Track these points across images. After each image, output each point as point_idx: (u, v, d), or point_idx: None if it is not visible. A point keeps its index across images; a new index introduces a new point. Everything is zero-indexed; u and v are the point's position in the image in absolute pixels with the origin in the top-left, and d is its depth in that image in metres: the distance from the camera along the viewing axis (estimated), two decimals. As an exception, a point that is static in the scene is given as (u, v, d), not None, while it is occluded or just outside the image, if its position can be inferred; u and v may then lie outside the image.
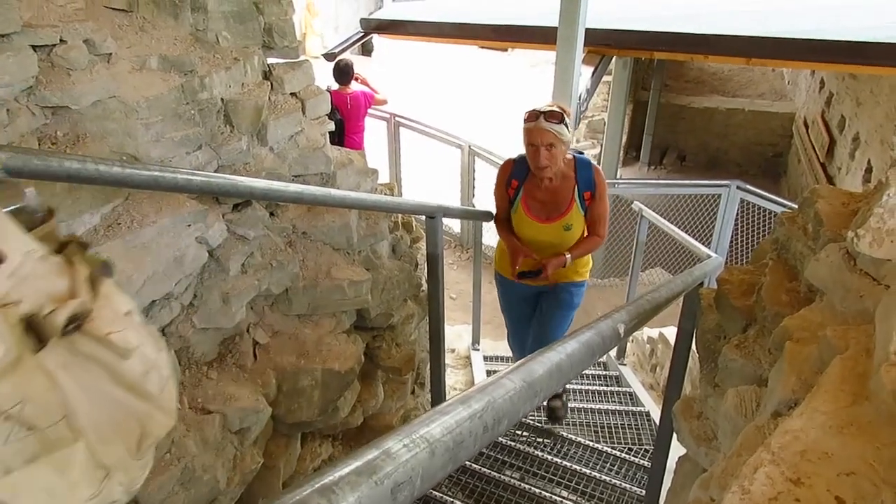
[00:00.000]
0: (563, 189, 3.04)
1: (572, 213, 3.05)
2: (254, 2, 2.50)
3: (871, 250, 1.14)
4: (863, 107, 8.57)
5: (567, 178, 3.02)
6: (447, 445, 0.63)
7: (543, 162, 2.80)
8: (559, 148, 2.82)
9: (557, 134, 2.78)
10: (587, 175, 3.03)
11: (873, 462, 0.84)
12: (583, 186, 3.04)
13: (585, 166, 3.05)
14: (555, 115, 2.77)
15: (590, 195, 3.05)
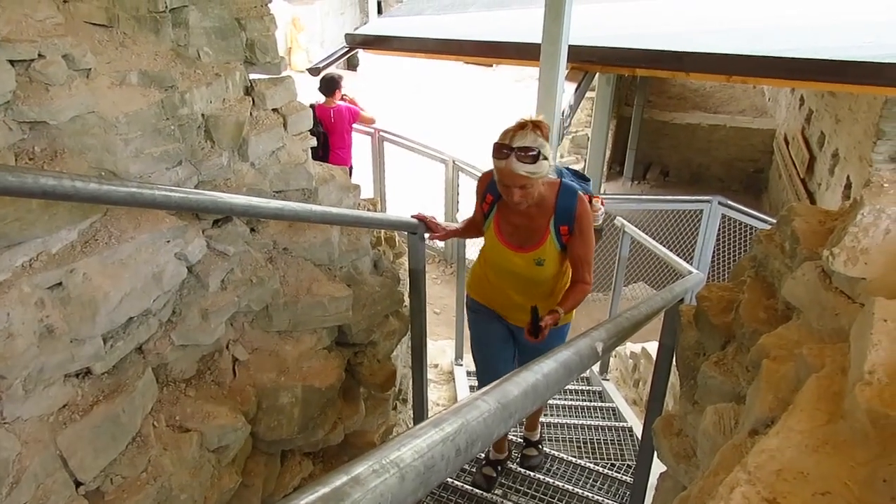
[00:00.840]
0: (539, 217, 2.62)
1: (545, 246, 2.64)
2: (236, 18, 2.50)
3: (846, 269, 1.15)
4: (842, 124, 8.69)
5: (544, 205, 2.59)
6: (418, 470, 0.62)
7: (518, 200, 2.45)
8: (536, 185, 2.44)
9: (531, 174, 2.38)
10: (568, 206, 2.58)
11: (848, 481, 0.84)
12: (560, 218, 2.60)
13: (568, 195, 2.59)
14: (528, 154, 2.33)
15: (567, 231, 2.60)
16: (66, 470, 1.82)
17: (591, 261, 2.69)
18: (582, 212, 2.59)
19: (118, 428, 1.94)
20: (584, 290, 2.71)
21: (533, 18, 6.12)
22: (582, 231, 2.61)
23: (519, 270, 2.71)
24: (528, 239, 2.66)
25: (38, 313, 1.79)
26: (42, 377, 1.81)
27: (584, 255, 2.65)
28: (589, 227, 2.62)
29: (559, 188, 2.59)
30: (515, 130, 2.37)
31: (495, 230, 2.72)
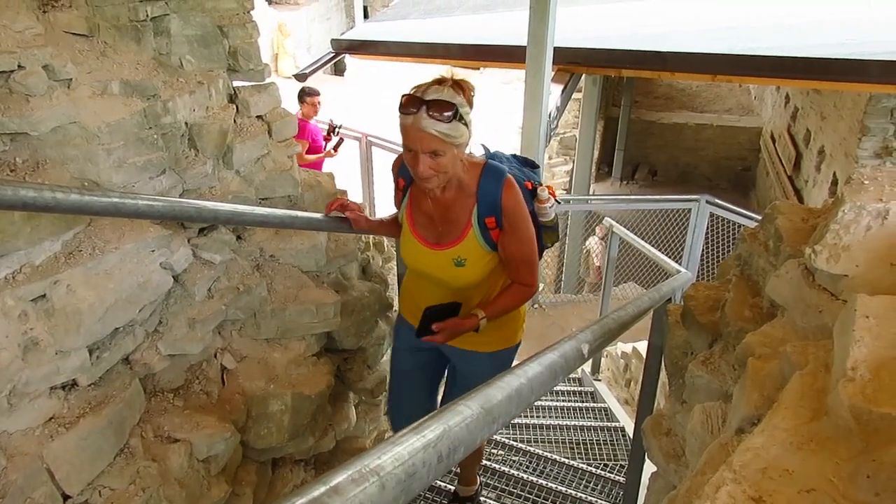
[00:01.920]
0: (458, 205, 2.11)
1: (466, 243, 2.12)
2: (218, 25, 2.49)
3: (829, 266, 1.16)
4: (827, 121, 8.75)
5: (465, 190, 2.09)
6: (399, 478, 0.61)
7: (425, 172, 1.91)
8: (450, 154, 1.91)
9: (445, 137, 1.86)
10: (491, 193, 2.06)
11: (833, 478, 0.84)
12: (483, 208, 2.08)
13: (492, 179, 2.07)
14: (443, 107, 1.84)
15: (494, 223, 2.10)
16: (52, 483, 1.81)
17: (534, 261, 2.22)
18: (511, 200, 2.07)
19: (105, 440, 1.93)
20: (523, 294, 2.25)
21: (518, 21, 6.13)
22: (514, 225, 2.10)
23: (435, 272, 2.21)
24: (446, 233, 2.16)
25: (22, 326, 1.78)
26: (27, 390, 1.79)
27: (520, 255, 2.16)
28: (523, 219, 2.11)
29: (482, 170, 2.09)
30: (430, 84, 1.91)
31: (409, 222, 2.24)
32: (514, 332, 2.45)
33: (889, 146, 7.46)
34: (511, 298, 2.23)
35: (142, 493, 1.94)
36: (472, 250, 2.13)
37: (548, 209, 2.32)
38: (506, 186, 2.06)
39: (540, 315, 6.92)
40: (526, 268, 2.19)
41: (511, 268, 2.21)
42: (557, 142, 9.89)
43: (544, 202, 2.30)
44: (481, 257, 2.15)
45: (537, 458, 3.86)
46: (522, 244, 2.15)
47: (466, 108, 1.92)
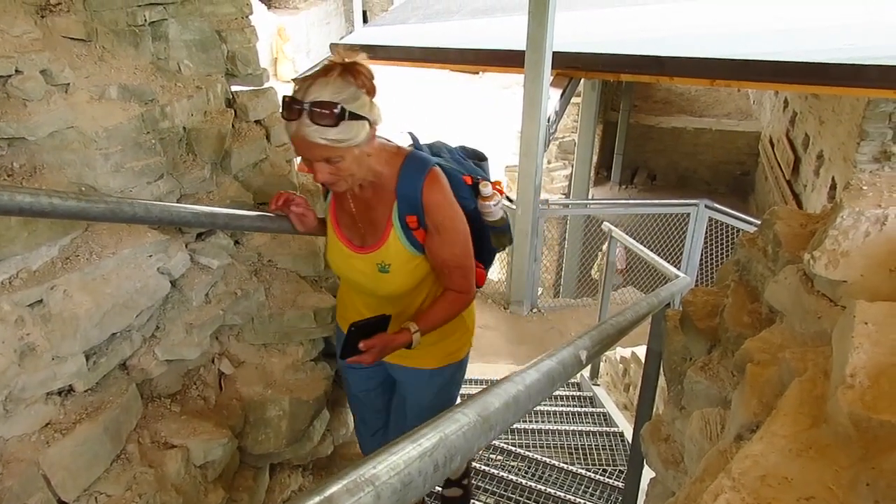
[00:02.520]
0: (378, 203, 1.90)
1: (388, 246, 1.90)
2: (216, 30, 2.49)
3: (827, 272, 1.15)
4: (825, 125, 8.76)
5: (384, 186, 1.86)
6: (394, 487, 0.61)
7: (325, 179, 1.72)
8: (350, 156, 1.68)
9: (335, 144, 1.64)
10: (411, 188, 1.83)
11: (832, 486, 0.84)
12: (403, 206, 1.86)
13: (413, 171, 1.84)
14: (324, 113, 1.59)
15: (416, 222, 1.86)
16: (48, 489, 1.80)
17: (468, 265, 1.97)
18: (434, 196, 1.83)
19: (102, 446, 1.92)
20: (458, 303, 2.01)
21: (517, 26, 6.14)
22: (439, 225, 1.86)
23: (360, 279, 2.01)
24: (369, 234, 1.95)
25: (19, 331, 1.77)
26: (23, 396, 1.78)
27: (450, 259, 1.92)
28: (450, 218, 1.88)
29: (403, 162, 1.85)
30: (315, 78, 1.64)
31: (332, 221, 2.03)
32: (459, 346, 2.25)
33: (888, 150, 7.47)
34: (444, 308, 1.98)
35: (138, 499, 1.93)
36: (395, 254, 1.91)
37: (493, 207, 2.08)
38: (427, 180, 1.82)
39: (539, 319, 6.92)
40: (458, 273, 1.96)
41: (441, 274, 1.98)
42: (556, 146, 9.90)
43: (488, 199, 2.06)
44: (407, 261, 1.93)
45: (536, 464, 3.85)
46: (451, 247, 1.91)
47: (362, 97, 1.65)
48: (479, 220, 2.07)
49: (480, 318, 6.75)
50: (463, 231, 1.93)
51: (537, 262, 6.97)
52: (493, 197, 2.07)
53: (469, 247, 1.96)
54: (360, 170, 1.75)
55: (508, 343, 6.50)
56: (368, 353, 1.82)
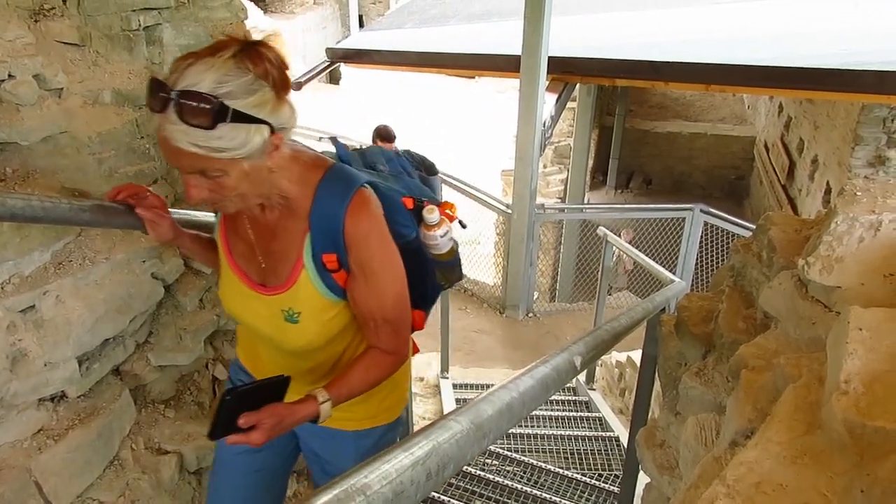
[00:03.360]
0: (285, 232, 1.43)
1: (297, 289, 1.45)
2: (211, 35, 2.49)
3: (822, 278, 1.15)
4: (820, 130, 8.79)
5: (294, 210, 1.40)
6: (386, 497, 0.60)
7: (199, 196, 1.27)
8: (235, 171, 1.24)
9: (210, 152, 1.19)
10: (330, 217, 1.37)
11: (826, 492, 0.83)
12: (319, 240, 1.40)
13: (333, 196, 1.38)
14: (196, 110, 1.14)
15: (336, 262, 1.41)
16: (41, 496, 1.79)
17: (401, 318, 1.51)
18: (359, 228, 1.38)
19: (95, 452, 1.91)
20: (385, 365, 1.52)
21: (513, 31, 6.16)
22: (366, 267, 1.42)
23: (262, 327, 1.54)
24: (272, 272, 1.48)
25: (11, 337, 1.76)
26: (15, 402, 1.77)
27: (377, 311, 1.46)
28: (381, 258, 1.43)
29: (321, 179, 1.38)
30: (199, 56, 1.18)
31: (224, 249, 1.56)
32: (392, 402, 1.80)
33: (882, 155, 7.49)
34: (366, 372, 1.48)
35: (131, 505, 1.93)
36: (307, 300, 1.45)
37: (440, 239, 1.63)
38: (352, 206, 1.36)
39: (535, 324, 6.92)
40: (387, 329, 1.48)
41: (365, 326, 1.51)
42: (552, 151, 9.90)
43: (433, 228, 1.60)
44: (322, 310, 1.47)
45: (531, 468, 3.85)
46: (379, 296, 1.45)
47: (261, 92, 1.20)
48: (420, 252, 1.64)
49: (476, 323, 6.78)
50: (396, 276, 1.47)
51: (533, 266, 6.97)
52: (440, 225, 1.61)
53: (404, 296, 1.50)
54: (255, 188, 1.29)
55: (504, 348, 6.50)
56: (256, 431, 1.25)
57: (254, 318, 1.55)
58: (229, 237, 1.54)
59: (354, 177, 1.42)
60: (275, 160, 1.29)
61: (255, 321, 1.56)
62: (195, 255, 1.78)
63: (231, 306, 1.60)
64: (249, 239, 1.49)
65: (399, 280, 1.49)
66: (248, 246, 1.50)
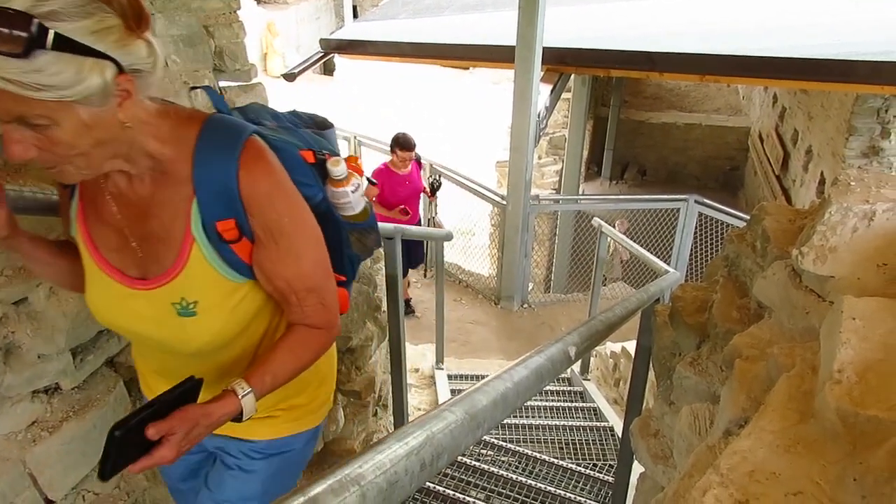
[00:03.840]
0: (163, 206, 1.19)
1: (189, 272, 1.20)
2: (204, 25, 2.48)
3: (815, 267, 1.15)
4: (814, 120, 8.80)
5: (169, 177, 1.17)
6: (380, 487, 0.60)
7: (23, 153, 0.99)
8: (70, 120, 0.98)
9: (23, 91, 0.91)
10: (219, 174, 1.15)
11: (819, 481, 0.84)
12: (210, 206, 1.16)
13: (219, 149, 1.15)
14: (7, 34, 0.87)
15: (235, 229, 1.18)
16: (35, 488, 1.78)
17: (326, 284, 1.31)
18: (261, 183, 1.16)
19: (90, 444, 1.91)
20: (315, 342, 1.32)
21: (507, 21, 6.14)
22: (275, 229, 1.20)
23: (150, 330, 1.27)
24: (152, 258, 1.22)
25: (3, 329, 1.75)
26: (9, 394, 1.77)
27: (297, 279, 1.25)
28: (292, 213, 1.22)
29: (199, 133, 1.15)
30: None
31: (86, 242, 1.27)
32: (315, 405, 1.56)
33: (876, 146, 7.51)
34: (293, 352, 1.27)
35: (126, 497, 1.93)
36: (203, 284, 1.20)
37: (351, 195, 1.43)
38: (245, 157, 1.13)
39: (529, 315, 6.93)
40: (313, 299, 1.28)
41: (287, 303, 1.29)
42: (547, 142, 9.89)
43: (342, 183, 1.41)
44: (225, 295, 1.23)
45: (526, 459, 3.86)
46: (297, 260, 1.23)
47: (103, 15, 0.95)
48: (329, 215, 1.42)
49: (471, 314, 6.79)
50: (312, 235, 1.27)
51: (528, 257, 6.98)
52: (349, 180, 1.41)
53: (325, 258, 1.31)
54: (105, 148, 1.05)
55: (499, 339, 6.51)
56: (163, 447, 1.05)
57: (137, 322, 1.26)
58: (91, 227, 1.24)
59: (240, 125, 1.19)
60: (129, 112, 1.03)
61: (140, 326, 1.27)
62: (40, 266, 1.41)
63: (104, 314, 1.30)
64: (117, 222, 1.21)
65: (316, 239, 1.29)
66: (118, 233, 1.22)
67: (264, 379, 1.21)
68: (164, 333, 1.26)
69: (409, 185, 5.67)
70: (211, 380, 1.24)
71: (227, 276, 1.22)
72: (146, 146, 1.11)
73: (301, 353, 1.29)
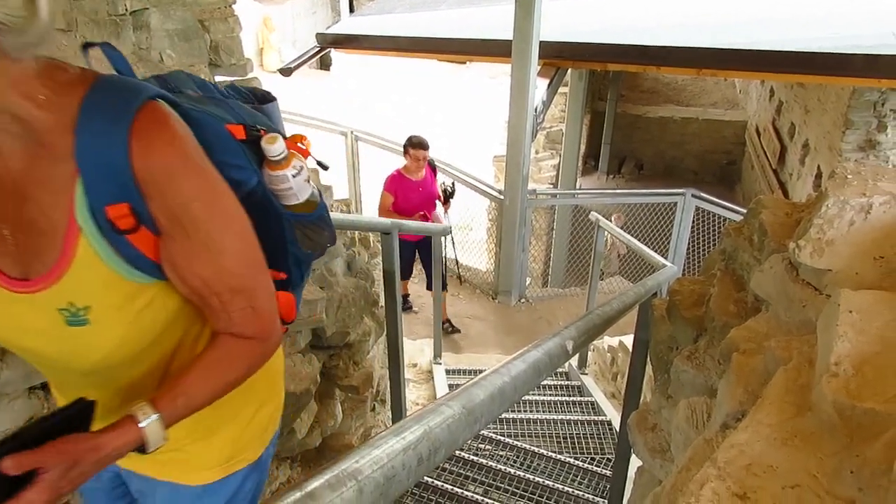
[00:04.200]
0: (44, 185, 0.91)
1: (75, 271, 0.93)
2: (199, 19, 2.47)
3: (812, 261, 1.15)
4: (811, 114, 8.80)
5: (47, 149, 0.89)
6: (377, 482, 0.60)
7: None
8: None
9: None
10: (106, 147, 0.88)
11: (817, 473, 0.84)
12: (97, 188, 0.90)
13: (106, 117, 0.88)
14: None
15: (129, 216, 0.92)
16: (33, 485, 1.78)
17: (255, 284, 1.06)
18: (160, 156, 0.92)
19: (87, 440, 1.90)
20: (244, 355, 1.07)
21: (504, 15, 6.12)
22: (182, 215, 0.96)
23: (39, 344, 1.02)
24: (31, 254, 0.95)
25: (0, 326, 1.75)
26: (6, 391, 1.77)
27: (215, 279, 1.01)
28: (203, 195, 0.97)
29: (83, 98, 0.89)
30: None
31: None
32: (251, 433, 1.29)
33: (872, 139, 7.52)
34: (215, 368, 1.04)
35: (124, 493, 1.92)
36: (94, 285, 0.96)
37: (292, 180, 1.17)
38: (138, 125, 0.90)
39: (527, 309, 6.93)
40: (240, 304, 1.03)
41: (208, 308, 1.04)
42: (544, 136, 9.87)
43: (279, 166, 1.15)
44: (124, 298, 0.98)
45: (524, 453, 3.87)
46: (215, 257, 0.99)
47: None
48: (268, 204, 1.17)
49: (469, 309, 6.79)
50: (235, 222, 1.02)
51: (525, 252, 6.97)
52: (289, 162, 1.16)
53: (254, 251, 1.05)
54: None
55: (497, 333, 6.51)
56: (35, 487, 0.83)
57: (21, 334, 1.01)
58: None
59: (135, 87, 0.94)
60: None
61: (25, 339, 1.02)
62: None
63: None
64: None
65: (241, 229, 1.03)
66: None
67: (175, 402, 0.98)
68: (54, 347, 1.01)
69: (423, 191, 5.49)
70: (116, 404, 1.04)
71: (126, 275, 0.96)
72: (15, 109, 0.86)
73: (225, 369, 1.05)
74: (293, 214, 1.22)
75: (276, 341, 1.11)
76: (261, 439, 1.31)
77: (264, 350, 1.09)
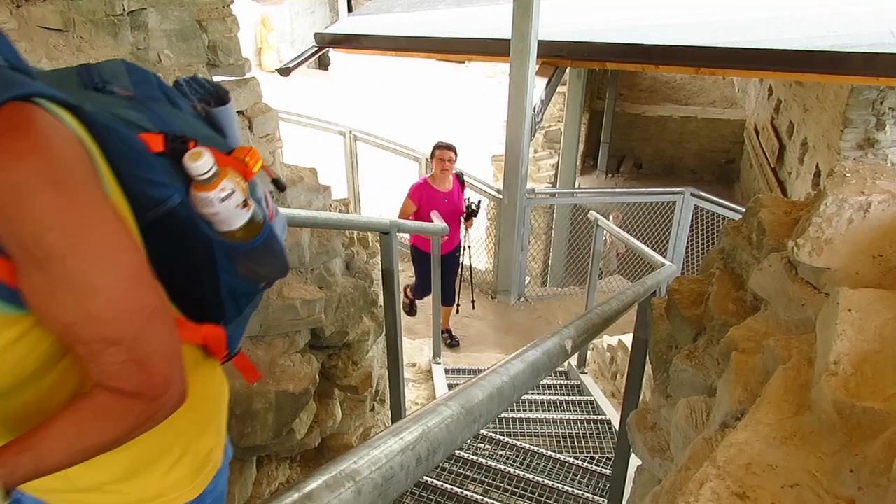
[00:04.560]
0: None
1: None
2: (197, 20, 2.46)
3: (811, 259, 1.15)
4: (810, 113, 8.80)
5: None
6: (375, 482, 0.60)
7: None
8: None
9: None
10: None
11: (816, 472, 0.84)
12: None
13: None
14: None
15: None
16: (32, 486, 1.78)
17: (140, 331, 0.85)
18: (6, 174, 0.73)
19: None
20: (118, 414, 0.88)
21: (502, 14, 6.12)
22: (33, 246, 0.76)
23: None
24: None
25: None
26: (4, 392, 1.76)
27: (78, 319, 0.80)
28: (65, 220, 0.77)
29: None
30: None
31: None
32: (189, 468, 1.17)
33: (871, 137, 7.52)
34: (79, 426, 0.88)
35: (123, 494, 1.92)
36: None
37: (217, 205, 1.00)
38: None
39: (526, 308, 6.93)
40: (116, 356, 0.85)
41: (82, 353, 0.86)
42: (542, 135, 9.88)
43: (204, 187, 0.98)
44: None
45: (524, 452, 3.86)
46: (79, 299, 0.80)
47: None
48: (192, 229, 1.00)
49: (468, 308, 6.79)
50: (112, 256, 0.83)
51: (524, 251, 6.97)
52: (216, 183, 0.99)
53: (141, 289, 0.86)
54: None
55: (496, 332, 6.51)
56: None
57: None
58: None
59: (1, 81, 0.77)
60: None
61: None
62: None
63: None
64: None
65: (125, 265, 0.84)
66: None
67: (19, 459, 0.83)
68: None
69: (449, 203, 5.13)
70: None
71: None
72: None
73: (91, 429, 0.88)
74: (226, 241, 1.03)
75: (175, 398, 0.92)
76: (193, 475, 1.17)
77: (154, 410, 0.90)
